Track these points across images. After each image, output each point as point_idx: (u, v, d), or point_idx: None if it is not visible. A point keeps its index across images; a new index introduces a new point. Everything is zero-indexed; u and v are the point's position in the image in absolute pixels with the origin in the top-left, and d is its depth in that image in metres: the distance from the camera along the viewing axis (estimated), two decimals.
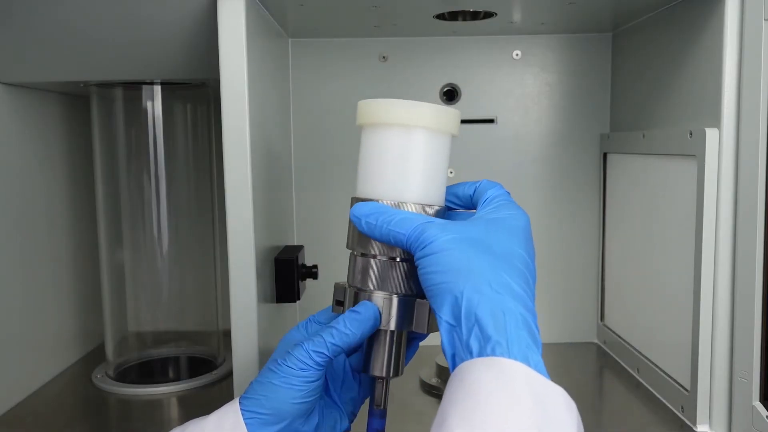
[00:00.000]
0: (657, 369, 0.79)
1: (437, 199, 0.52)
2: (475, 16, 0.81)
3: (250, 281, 0.65)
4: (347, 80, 0.94)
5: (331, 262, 0.95)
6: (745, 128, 0.64)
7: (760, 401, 0.64)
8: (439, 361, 0.84)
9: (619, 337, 0.91)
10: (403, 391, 0.82)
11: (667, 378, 0.76)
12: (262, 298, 0.69)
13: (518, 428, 0.36)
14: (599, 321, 0.98)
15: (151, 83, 0.83)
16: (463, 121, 0.95)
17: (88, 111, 0.87)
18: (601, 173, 0.95)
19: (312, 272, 0.81)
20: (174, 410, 0.80)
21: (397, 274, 0.50)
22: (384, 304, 0.50)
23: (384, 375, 0.51)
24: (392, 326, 0.50)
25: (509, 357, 0.39)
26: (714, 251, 0.67)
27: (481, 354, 0.40)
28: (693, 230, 0.69)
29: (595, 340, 0.98)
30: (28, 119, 0.83)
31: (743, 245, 0.65)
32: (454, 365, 0.41)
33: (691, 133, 0.69)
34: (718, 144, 0.66)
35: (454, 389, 0.39)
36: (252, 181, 0.64)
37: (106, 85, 0.84)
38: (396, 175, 0.51)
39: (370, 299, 0.50)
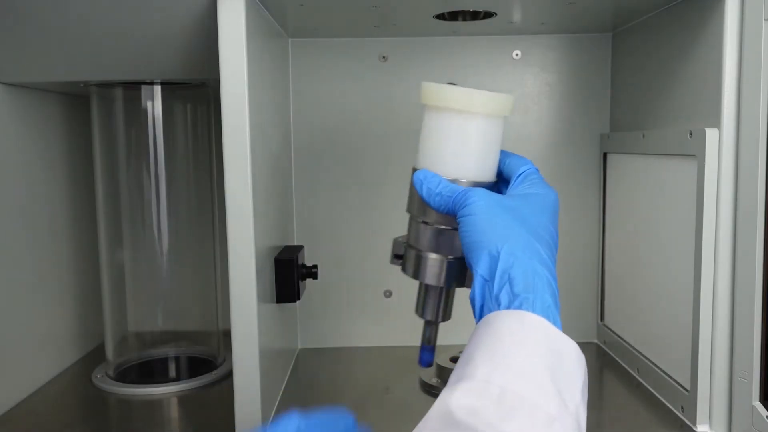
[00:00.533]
0: (657, 369, 0.79)
1: (489, 175, 0.57)
2: (475, 16, 0.81)
3: (250, 281, 0.65)
4: (347, 80, 0.94)
5: (331, 262, 0.96)
6: (745, 128, 0.64)
7: (760, 401, 0.64)
8: (439, 361, 0.84)
9: (619, 337, 0.91)
10: (403, 391, 0.82)
11: (667, 378, 0.76)
12: (262, 298, 0.69)
13: (534, 368, 0.42)
14: (599, 321, 0.98)
15: (151, 83, 0.83)
16: None
17: (88, 111, 0.87)
18: (601, 173, 0.95)
19: (312, 272, 0.81)
20: (174, 410, 0.80)
21: (449, 241, 0.57)
22: (437, 264, 0.58)
23: (434, 320, 0.60)
24: (442, 283, 0.58)
25: (533, 312, 0.45)
26: (714, 251, 0.67)
27: (509, 307, 0.46)
28: (693, 230, 0.69)
29: (595, 340, 0.98)
30: (28, 119, 0.83)
31: (743, 245, 0.65)
32: (481, 315, 0.47)
33: (691, 133, 0.69)
34: (718, 144, 0.66)
35: (481, 333, 0.45)
36: (252, 181, 0.64)
37: (106, 85, 0.84)
38: (453, 156, 0.56)
39: (427, 260, 0.58)
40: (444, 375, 0.80)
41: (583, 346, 1.02)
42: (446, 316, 0.61)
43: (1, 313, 0.77)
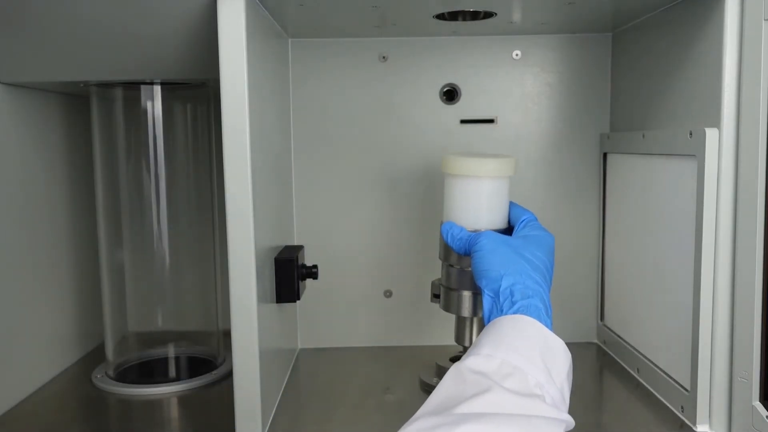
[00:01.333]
0: (657, 369, 0.79)
1: (501, 223, 0.74)
2: (475, 16, 0.81)
3: (250, 281, 0.65)
4: (347, 80, 0.94)
5: (331, 262, 0.96)
6: (745, 128, 0.64)
7: (760, 401, 0.64)
8: (439, 362, 0.84)
9: (619, 337, 0.91)
10: (403, 391, 0.82)
11: (667, 378, 0.76)
12: (262, 298, 0.69)
13: (527, 350, 0.53)
14: (599, 321, 0.98)
15: (151, 83, 0.83)
16: (463, 121, 0.96)
17: (88, 111, 0.87)
18: (601, 173, 0.95)
19: (312, 272, 0.81)
20: (174, 410, 0.80)
21: (470, 279, 0.71)
22: (467, 299, 0.75)
23: (468, 345, 0.76)
24: (472, 314, 0.75)
25: (528, 315, 0.58)
26: (714, 251, 0.67)
27: (509, 313, 0.59)
28: (693, 230, 0.69)
29: (595, 340, 0.98)
30: (28, 119, 0.83)
31: (743, 245, 0.65)
32: (488, 321, 0.60)
33: (691, 133, 0.69)
34: (718, 144, 0.66)
35: (487, 330, 0.57)
36: (252, 181, 0.64)
37: (106, 85, 0.84)
38: (471, 210, 0.73)
39: (460, 296, 0.75)
40: (444, 375, 0.80)
41: (583, 346, 1.04)
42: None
43: (1, 313, 0.77)
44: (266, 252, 0.72)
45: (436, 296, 0.79)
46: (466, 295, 0.75)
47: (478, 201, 0.72)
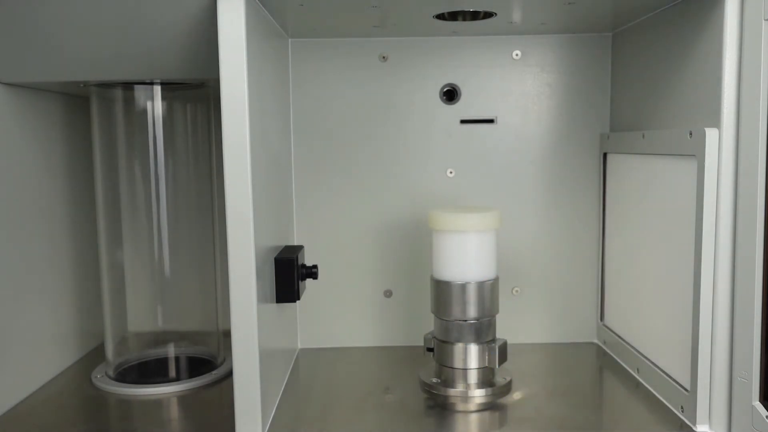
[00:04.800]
0: (657, 369, 0.79)
1: (490, 275, 0.78)
2: (475, 16, 0.81)
3: (250, 281, 0.65)
4: (347, 80, 0.94)
5: (331, 262, 0.96)
6: (745, 128, 0.64)
7: (760, 401, 0.64)
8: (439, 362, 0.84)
9: (619, 337, 0.91)
10: (403, 391, 0.82)
11: (667, 378, 0.76)
12: (262, 298, 0.69)
13: None
14: (599, 321, 0.98)
15: (151, 83, 0.83)
16: (463, 121, 0.96)
17: (88, 111, 0.87)
18: (601, 173, 0.95)
19: (312, 272, 0.81)
20: (174, 410, 0.80)
21: (463, 331, 0.77)
22: (461, 351, 0.78)
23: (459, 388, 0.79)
24: (461, 365, 0.78)
25: None
26: (714, 251, 0.67)
27: None
28: (693, 230, 0.69)
29: (595, 340, 0.98)
30: (28, 119, 0.83)
31: (743, 245, 0.65)
32: None
33: (691, 133, 0.69)
34: (718, 144, 0.66)
35: None
36: (252, 181, 0.64)
37: (106, 85, 0.84)
38: (460, 264, 0.77)
39: (453, 347, 0.78)
40: (443, 375, 0.80)
41: (583, 346, 1.04)
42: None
43: (1, 313, 0.77)
44: (266, 252, 0.72)
45: (429, 350, 0.81)
46: (460, 347, 0.77)
47: (465, 254, 0.77)
